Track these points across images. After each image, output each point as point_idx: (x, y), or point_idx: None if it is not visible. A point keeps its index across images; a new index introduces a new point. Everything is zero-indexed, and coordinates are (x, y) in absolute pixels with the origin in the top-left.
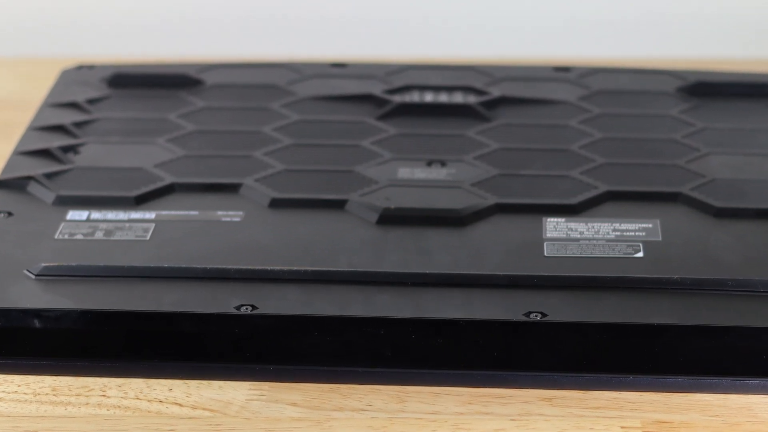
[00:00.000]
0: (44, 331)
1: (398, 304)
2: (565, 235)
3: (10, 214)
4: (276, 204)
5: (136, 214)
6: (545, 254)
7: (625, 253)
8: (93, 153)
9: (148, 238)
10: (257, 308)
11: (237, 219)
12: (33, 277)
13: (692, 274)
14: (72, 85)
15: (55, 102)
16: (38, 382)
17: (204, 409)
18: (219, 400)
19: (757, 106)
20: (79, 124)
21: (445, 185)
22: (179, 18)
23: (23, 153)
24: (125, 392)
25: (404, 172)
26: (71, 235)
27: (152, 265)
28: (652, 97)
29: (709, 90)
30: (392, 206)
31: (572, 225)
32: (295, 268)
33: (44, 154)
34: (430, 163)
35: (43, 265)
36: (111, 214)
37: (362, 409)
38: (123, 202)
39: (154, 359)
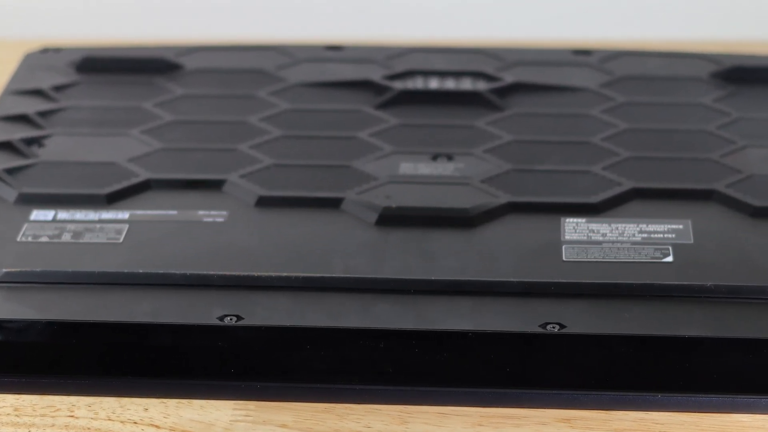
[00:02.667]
0: (5, 344)
1: (400, 314)
2: (585, 238)
3: None
4: (263, 203)
5: (107, 214)
6: (564, 258)
7: (652, 258)
8: (60, 146)
9: (121, 240)
10: (242, 319)
11: (220, 219)
12: None
13: (728, 281)
14: (36, 70)
15: (17, 89)
16: None
17: (183, 431)
18: (200, 422)
19: None
20: (44, 114)
21: (452, 182)
22: None
23: None
24: (96, 412)
25: (406, 167)
26: (35, 237)
27: (126, 271)
28: (683, 84)
29: (747, 76)
30: (393, 205)
31: (594, 226)
32: (284, 274)
33: (5, 147)
34: (435, 157)
35: (4, 270)
36: (80, 214)
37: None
38: (93, 200)
39: (128, 375)
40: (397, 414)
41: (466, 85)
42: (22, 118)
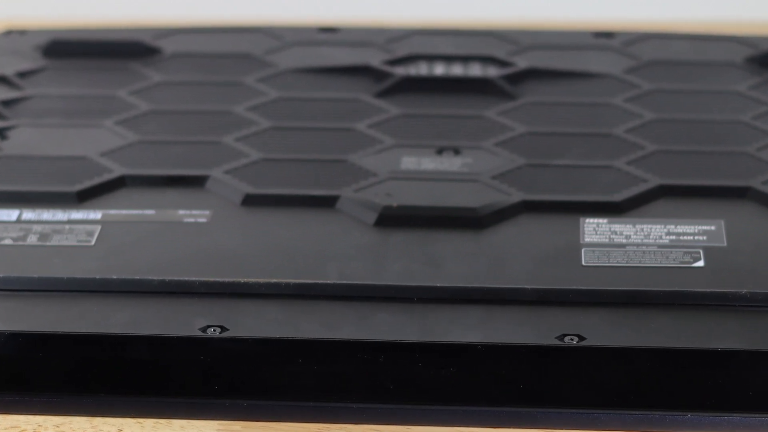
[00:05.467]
0: None
1: (402, 324)
2: (607, 240)
3: None
4: (251, 201)
5: (78, 214)
6: (583, 263)
7: (681, 262)
8: (25, 138)
9: (92, 243)
10: (227, 330)
11: (202, 220)
12: None
13: (764, 288)
14: None
15: None
16: None
17: None
18: None
19: None
20: (7, 103)
21: (459, 178)
22: None
23: None
24: None
25: (409, 161)
26: None
27: (98, 277)
28: (715, 70)
29: None
30: (394, 204)
31: (616, 227)
32: (274, 280)
33: None
34: (440, 151)
35: None
36: (47, 214)
37: None
38: (62, 198)
39: (101, 393)
40: None
41: (475, 71)
42: None
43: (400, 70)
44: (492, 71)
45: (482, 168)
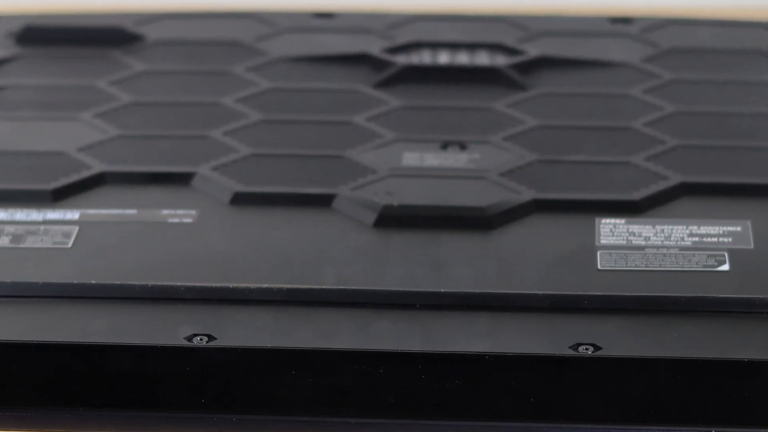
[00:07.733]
0: None
1: (403, 333)
2: (625, 242)
3: None
4: (240, 200)
5: (54, 214)
6: (599, 267)
7: (705, 266)
8: None
9: (69, 245)
10: (215, 339)
11: (188, 220)
12: None
13: None
14: None
15: None
16: None
17: None
18: None
19: None
20: None
21: (465, 175)
22: None
23: None
24: None
25: (411, 157)
26: None
27: (76, 282)
28: (741, 58)
29: None
30: (395, 203)
31: (635, 228)
32: (265, 285)
33: None
34: (445, 146)
35: None
36: (20, 214)
37: None
38: (37, 197)
39: (79, 406)
40: None
41: (483, 59)
42: None
43: (402, 59)
44: (500, 60)
45: (490, 164)
